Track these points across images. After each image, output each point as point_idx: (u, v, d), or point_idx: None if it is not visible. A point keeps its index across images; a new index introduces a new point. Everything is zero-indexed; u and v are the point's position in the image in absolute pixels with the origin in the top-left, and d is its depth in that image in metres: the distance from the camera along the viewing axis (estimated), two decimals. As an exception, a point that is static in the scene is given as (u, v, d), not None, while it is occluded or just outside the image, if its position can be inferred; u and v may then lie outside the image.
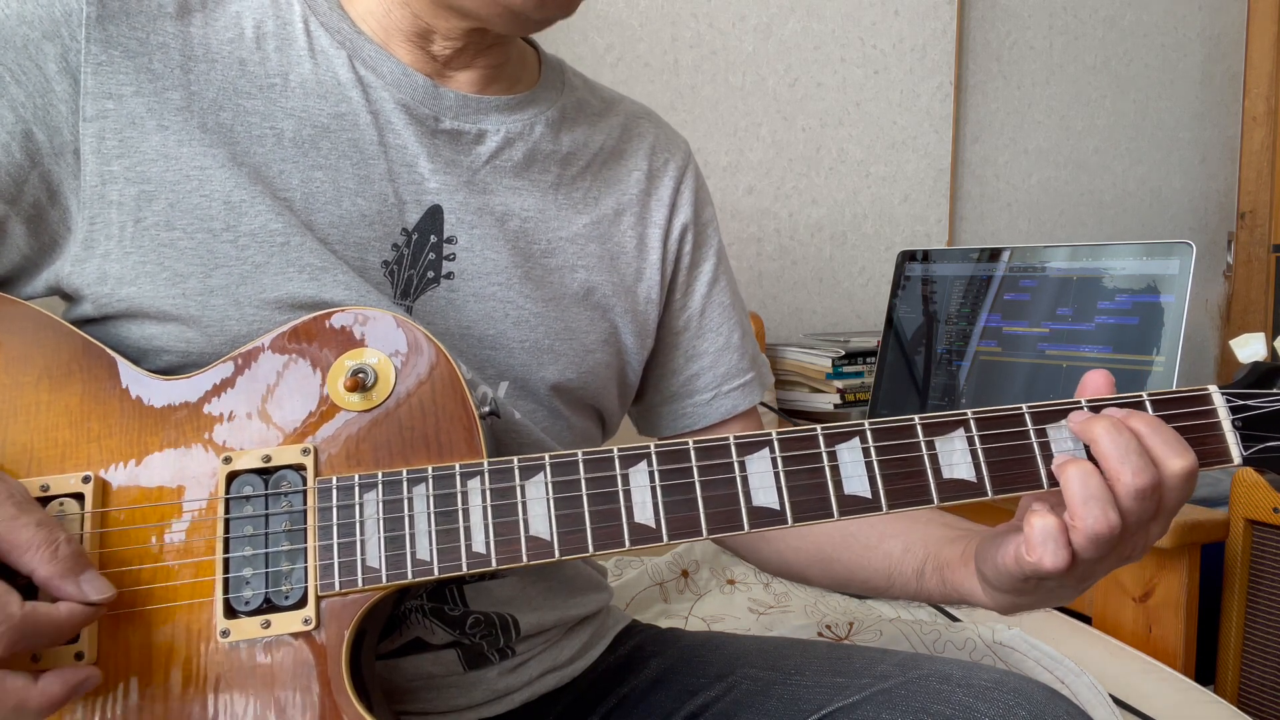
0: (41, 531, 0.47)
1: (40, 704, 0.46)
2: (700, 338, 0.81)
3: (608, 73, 1.70)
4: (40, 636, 0.46)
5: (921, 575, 0.67)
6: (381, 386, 0.56)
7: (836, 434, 0.55)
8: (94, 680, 0.48)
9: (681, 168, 0.81)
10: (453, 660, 0.67)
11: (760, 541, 0.79)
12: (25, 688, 0.46)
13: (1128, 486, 0.51)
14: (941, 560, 0.65)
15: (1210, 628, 1.24)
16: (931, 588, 0.66)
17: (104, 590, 0.49)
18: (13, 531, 0.47)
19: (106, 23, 0.58)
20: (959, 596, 0.64)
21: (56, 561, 0.47)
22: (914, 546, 0.68)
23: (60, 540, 0.48)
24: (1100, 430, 0.53)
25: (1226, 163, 2.49)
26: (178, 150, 0.59)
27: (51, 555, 0.47)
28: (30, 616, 0.46)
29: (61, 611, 0.47)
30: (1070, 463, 0.53)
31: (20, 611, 0.45)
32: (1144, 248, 1.22)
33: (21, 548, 0.47)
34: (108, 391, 0.56)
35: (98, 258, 0.59)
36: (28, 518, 0.47)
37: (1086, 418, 0.54)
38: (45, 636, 0.47)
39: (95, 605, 0.48)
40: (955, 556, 0.64)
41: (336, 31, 0.65)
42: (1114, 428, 0.52)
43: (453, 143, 0.68)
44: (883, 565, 0.69)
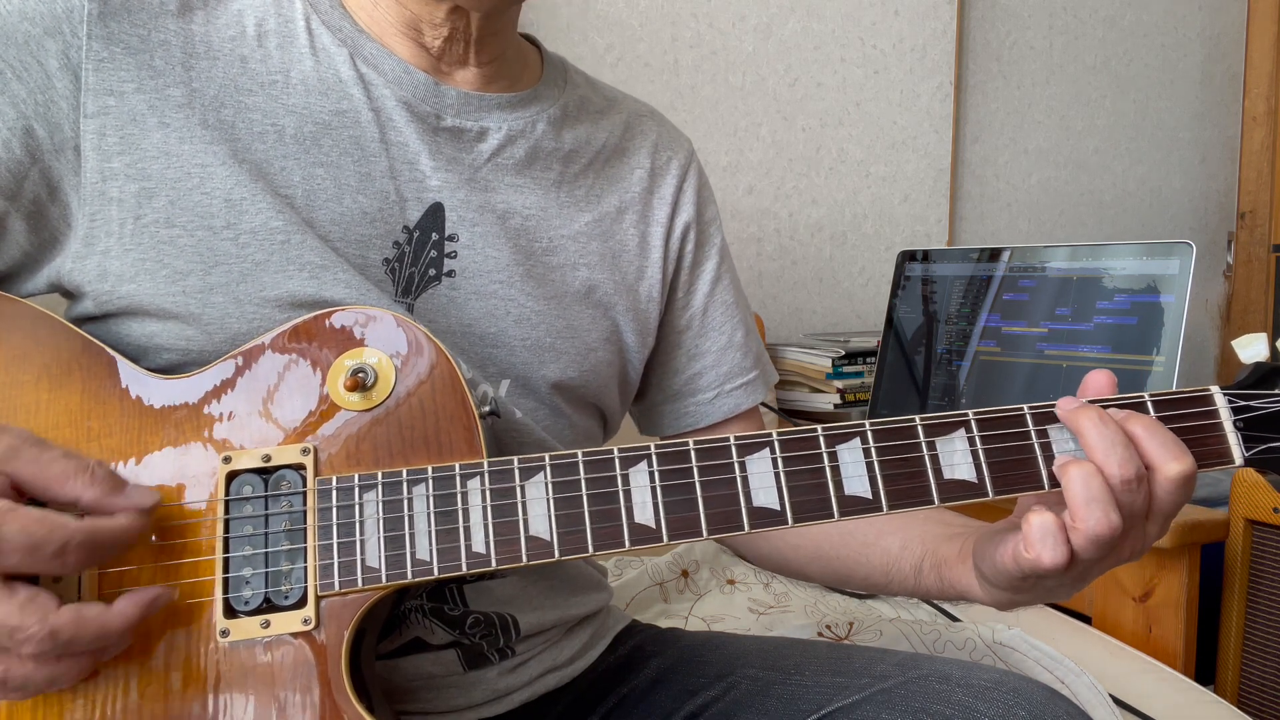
0: (72, 461, 0.48)
1: (119, 626, 0.47)
2: (703, 337, 0.81)
3: (608, 73, 1.70)
4: (108, 547, 0.47)
5: (919, 572, 0.67)
6: (381, 386, 0.56)
7: (837, 434, 0.55)
8: (166, 597, 0.49)
9: (684, 166, 0.80)
10: (453, 660, 0.67)
11: (759, 539, 0.79)
12: (103, 613, 0.46)
13: (1114, 478, 0.51)
14: (939, 557, 0.65)
15: (1210, 628, 1.24)
16: (929, 584, 0.66)
17: (151, 496, 0.49)
18: (45, 467, 0.47)
19: (108, 19, 0.58)
20: (956, 593, 0.64)
21: (97, 483, 0.48)
22: (911, 543, 0.68)
23: (93, 464, 0.48)
24: (1086, 422, 0.53)
25: (1226, 163, 2.49)
26: (179, 147, 0.59)
27: (91, 479, 0.47)
28: (94, 528, 0.46)
29: (120, 522, 0.48)
30: (1071, 463, 0.53)
31: (83, 525, 0.46)
32: (1144, 248, 1.22)
33: (60, 479, 0.47)
34: (108, 390, 0.55)
35: (98, 254, 0.59)
36: (53, 452, 0.48)
37: (1075, 407, 0.54)
38: (112, 546, 0.47)
39: (147, 511, 0.49)
40: (953, 554, 0.64)
41: (338, 29, 0.65)
42: (1100, 419, 0.53)
43: (454, 140, 0.68)
44: (881, 562, 0.70)
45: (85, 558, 0.46)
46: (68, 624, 0.45)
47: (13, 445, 0.47)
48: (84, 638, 0.46)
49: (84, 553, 0.46)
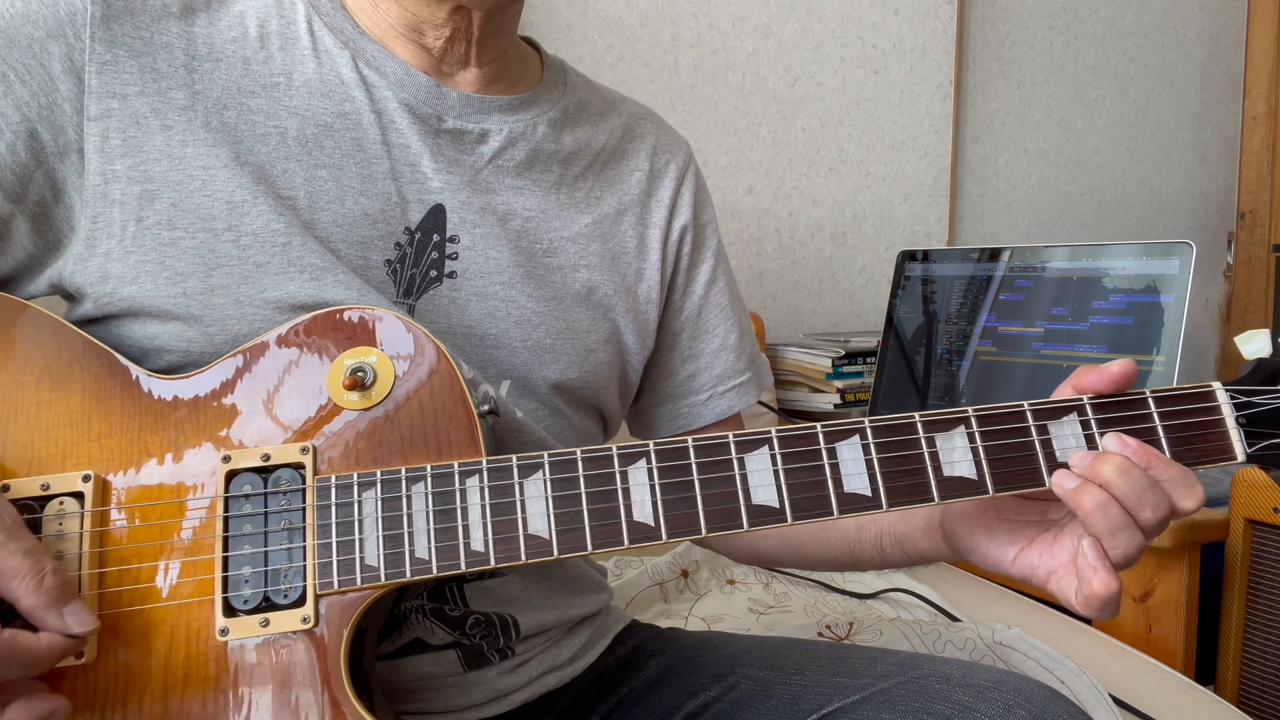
0: (29, 560, 0.47)
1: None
2: (697, 338, 0.81)
3: (608, 73, 1.70)
4: (21, 664, 0.46)
5: (881, 549, 0.70)
6: (381, 385, 0.56)
7: (836, 432, 0.55)
8: (63, 711, 0.48)
9: (682, 169, 0.81)
10: (453, 661, 0.67)
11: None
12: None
13: (1149, 522, 0.53)
14: (898, 534, 0.68)
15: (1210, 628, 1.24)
16: (894, 557, 0.70)
17: (87, 623, 0.48)
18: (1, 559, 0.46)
19: (111, 22, 0.58)
20: (925, 562, 0.69)
21: (41, 592, 0.47)
22: (865, 523, 0.71)
23: (47, 570, 0.47)
24: (1112, 474, 0.53)
25: (1226, 163, 2.49)
26: (181, 150, 0.59)
27: (37, 585, 0.47)
28: (10, 644, 0.45)
29: (42, 642, 0.47)
30: (1083, 491, 0.53)
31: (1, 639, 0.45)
32: (1144, 248, 1.22)
33: (7, 575, 0.46)
34: (108, 391, 0.56)
35: (99, 257, 0.59)
36: (15, 545, 0.47)
37: (1091, 460, 0.54)
38: (27, 665, 0.46)
39: (77, 637, 0.48)
40: (914, 530, 0.67)
41: (340, 31, 0.65)
42: (1124, 469, 0.53)
43: (455, 142, 0.68)
44: (841, 543, 0.72)
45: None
46: None
47: None
48: None
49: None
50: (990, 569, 0.60)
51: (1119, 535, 0.52)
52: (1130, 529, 0.52)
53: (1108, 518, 0.52)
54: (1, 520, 0.47)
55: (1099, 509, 0.52)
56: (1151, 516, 0.53)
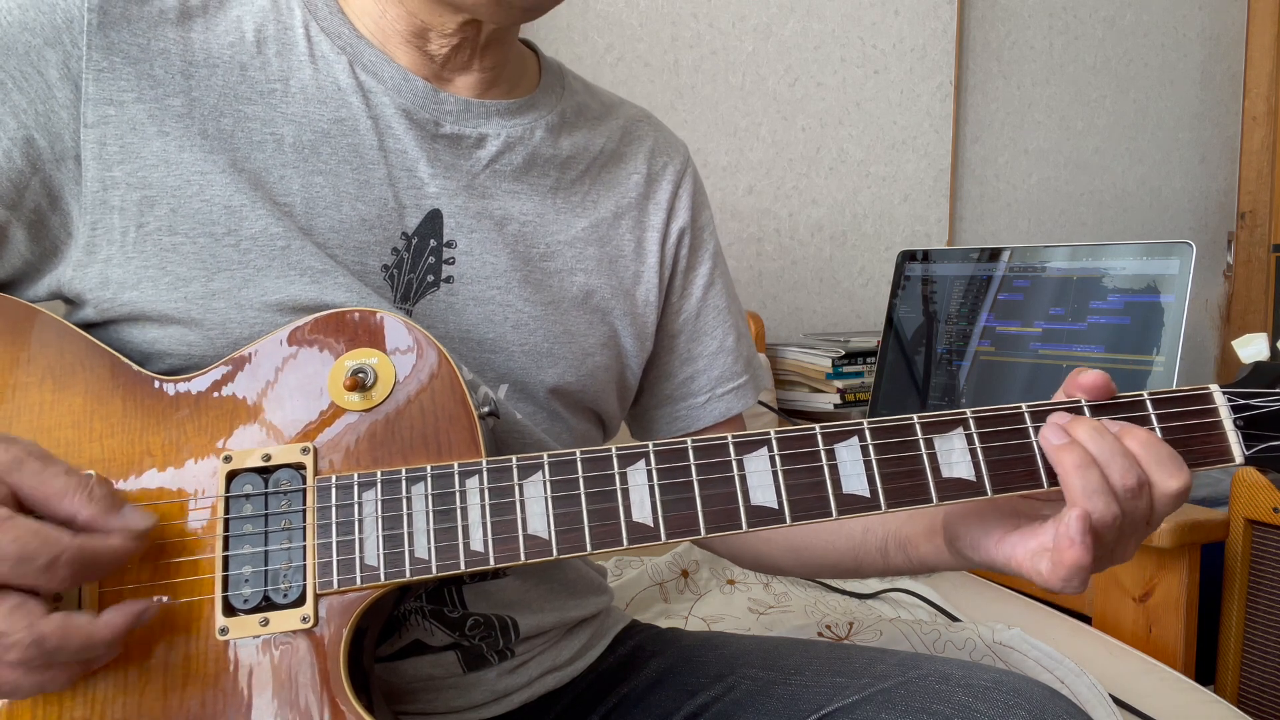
0: (72, 478, 0.48)
1: (106, 637, 0.47)
2: (695, 341, 0.81)
3: (608, 73, 1.71)
4: (98, 565, 0.47)
5: (885, 553, 0.69)
6: (381, 386, 0.56)
7: (835, 433, 0.55)
8: (153, 610, 0.49)
9: (680, 171, 0.81)
10: (452, 662, 0.67)
11: (733, 537, 0.80)
12: (90, 623, 0.46)
13: (1117, 488, 0.52)
14: (902, 537, 0.67)
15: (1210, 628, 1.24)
16: (898, 563, 0.69)
17: (147, 519, 0.49)
18: (45, 482, 0.47)
19: (108, 29, 0.58)
20: (926, 569, 0.67)
21: (95, 502, 0.48)
22: (873, 526, 0.70)
23: (92, 482, 0.48)
24: (1083, 435, 0.53)
25: (1226, 163, 2.49)
26: (179, 156, 0.60)
27: (88, 497, 0.48)
28: (86, 546, 0.46)
29: (113, 540, 0.48)
30: (1065, 450, 0.53)
31: (75, 541, 0.46)
32: (1144, 248, 1.22)
33: (58, 495, 0.47)
34: (110, 391, 0.56)
35: (99, 263, 0.59)
36: (55, 468, 0.48)
37: (1068, 421, 0.54)
38: (102, 565, 0.47)
39: (141, 533, 0.49)
40: (917, 533, 0.66)
41: (337, 36, 0.66)
42: (1096, 432, 0.53)
43: (452, 147, 0.68)
44: (847, 547, 0.72)
45: (74, 574, 0.46)
46: (54, 632, 0.45)
47: (17, 457, 0.47)
48: (70, 647, 0.46)
49: (73, 569, 0.45)
50: (981, 560, 0.60)
51: (1095, 499, 0.52)
52: (1107, 495, 0.52)
53: (1086, 480, 0.52)
54: (31, 451, 0.48)
55: (1078, 469, 0.52)
56: (1120, 481, 0.52)
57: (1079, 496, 0.52)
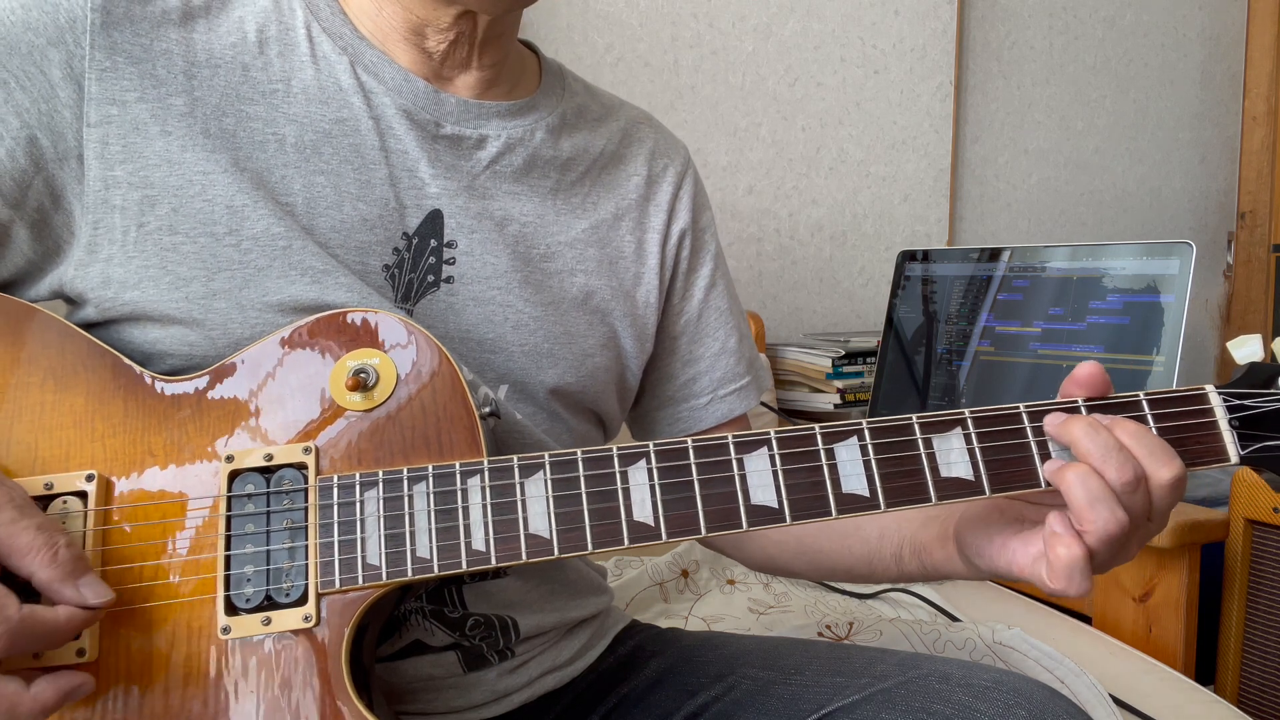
0: (42, 535, 0.47)
1: (32, 709, 0.46)
2: (697, 342, 0.81)
3: (608, 73, 1.71)
4: (39, 639, 0.47)
5: (900, 559, 0.68)
6: (383, 386, 0.56)
7: (834, 433, 0.55)
8: (87, 687, 0.48)
9: (680, 173, 0.81)
10: (452, 662, 0.67)
11: (744, 538, 0.80)
12: (18, 693, 0.46)
13: (1114, 483, 0.52)
14: (918, 543, 0.66)
15: (1210, 628, 1.24)
16: (911, 570, 0.68)
17: (103, 594, 0.49)
18: (13, 535, 0.47)
19: (111, 29, 0.59)
20: (940, 576, 0.66)
21: (56, 565, 0.47)
22: (889, 531, 0.69)
23: (60, 544, 0.48)
24: (1079, 432, 0.53)
25: (1226, 163, 2.50)
26: (180, 155, 0.60)
27: (51, 559, 0.47)
28: (29, 619, 0.46)
29: (60, 614, 0.47)
30: (1067, 467, 0.53)
31: (19, 614, 0.45)
32: (1144, 248, 1.22)
33: (21, 551, 0.47)
34: (112, 392, 0.56)
35: (101, 262, 0.59)
36: (28, 521, 0.47)
37: (1063, 420, 0.54)
38: (43, 639, 0.47)
39: (94, 609, 0.48)
40: (931, 538, 0.65)
41: (338, 37, 0.66)
42: (1091, 427, 0.53)
43: (453, 148, 0.68)
44: (861, 551, 0.71)
45: (9, 645, 0.45)
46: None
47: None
48: None
49: (10, 641, 0.45)
50: (986, 568, 0.60)
51: (1099, 506, 0.51)
52: (1110, 502, 0.52)
53: (1087, 488, 0.52)
54: (12, 499, 0.48)
55: (1079, 479, 0.52)
56: (1117, 477, 0.52)
57: (1083, 507, 0.52)
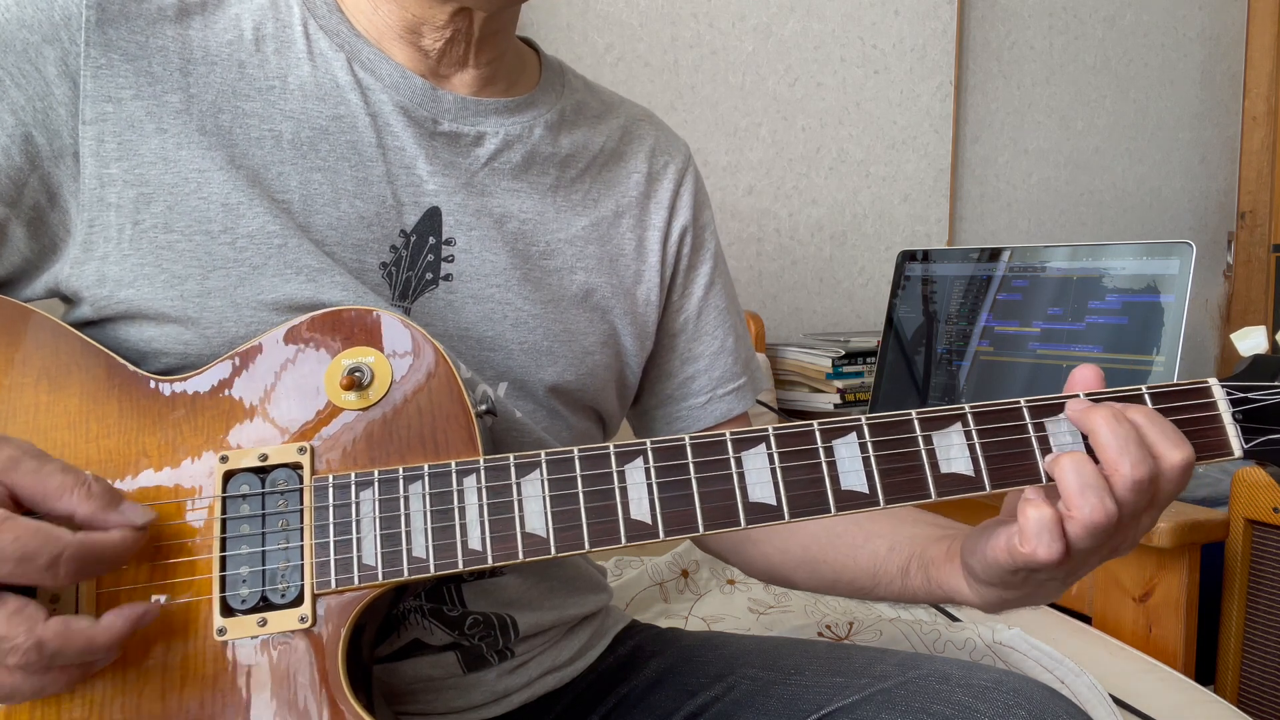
0: (69, 475, 0.48)
1: (106, 641, 0.46)
2: (696, 341, 0.81)
3: (608, 72, 1.71)
4: (99, 561, 0.47)
5: (906, 574, 0.66)
6: (378, 385, 0.56)
7: (833, 429, 0.55)
8: (153, 613, 0.49)
9: (681, 170, 0.80)
10: (452, 663, 0.67)
11: (746, 544, 0.79)
12: (90, 627, 0.46)
13: (1126, 478, 0.51)
14: (926, 558, 0.64)
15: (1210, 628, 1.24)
16: (916, 586, 0.65)
17: (146, 514, 0.49)
18: (42, 481, 0.47)
19: (106, 26, 0.58)
20: (944, 594, 0.63)
21: (93, 498, 0.48)
22: (900, 545, 0.67)
23: (89, 479, 0.48)
24: (1099, 420, 0.52)
25: (1226, 163, 2.49)
26: (176, 153, 0.59)
27: (86, 494, 0.48)
28: (87, 542, 0.46)
29: (114, 536, 0.48)
30: (1063, 455, 0.52)
31: (76, 539, 0.46)
32: (1144, 248, 1.22)
33: (55, 493, 0.47)
34: (106, 392, 0.56)
35: (96, 260, 0.59)
36: (52, 465, 0.48)
37: (1085, 407, 0.54)
38: (104, 561, 0.47)
39: (141, 529, 0.49)
40: (940, 554, 0.63)
41: (335, 34, 0.65)
42: (1114, 418, 0.52)
43: (451, 145, 0.68)
44: (869, 564, 0.69)
45: (76, 571, 0.46)
46: (54, 636, 0.45)
47: (13, 456, 0.47)
48: (70, 650, 0.45)
49: (75, 566, 0.45)
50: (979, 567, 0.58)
51: (1088, 493, 0.51)
52: (1100, 491, 0.51)
53: (1080, 474, 0.51)
54: (25, 450, 0.48)
55: (1073, 465, 0.51)
56: (1130, 473, 0.51)
57: (1073, 494, 0.51)
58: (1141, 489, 0.52)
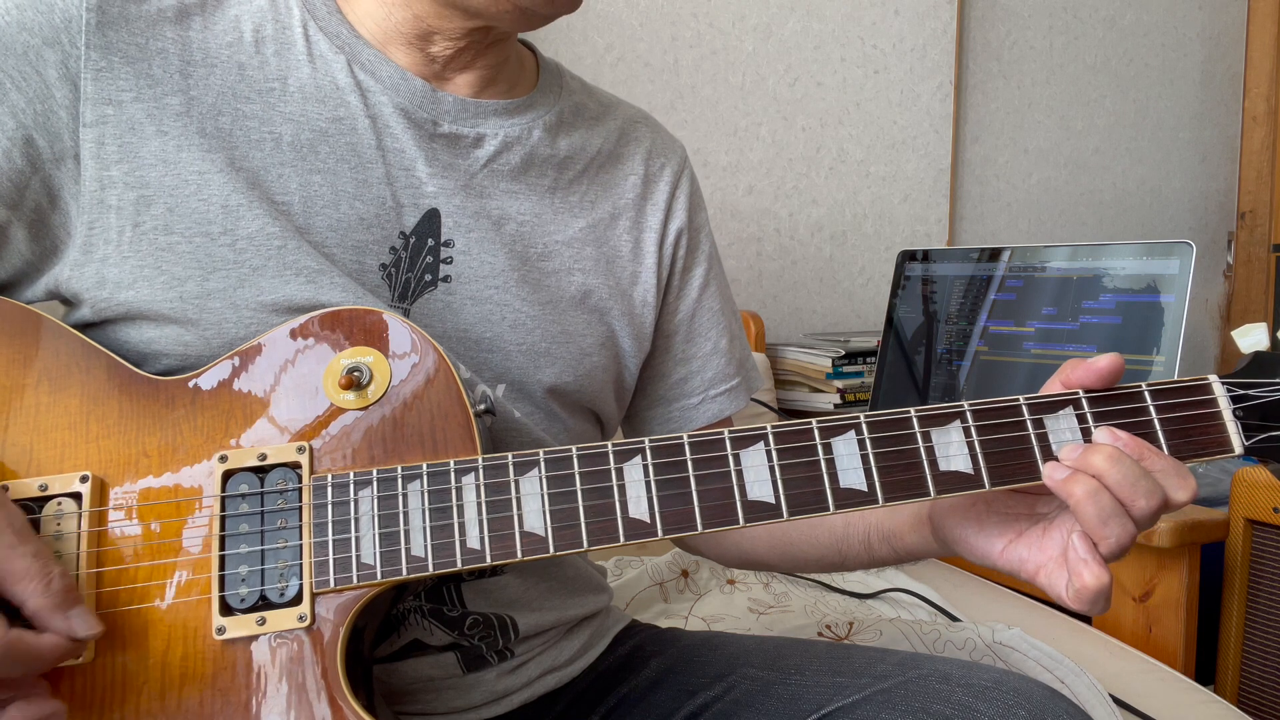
0: (37, 563, 0.47)
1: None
2: (690, 342, 0.81)
3: (608, 73, 1.71)
4: (24, 663, 0.46)
5: (869, 545, 0.70)
6: (377, 385, 0.56)
7: (832, 427, 0.55)
8: (60, 715, 0.48)
9: (677, 172, 0.81)
10: (451, 663, 0.67)
11: (719, 535, 0.80)
12: None
13: (1143, 511, 0.52)
14: (886, 530, 0.68)
15: (1210, 628, 1.24)
16: (883, 554, 0.69)
17: (92, 627, 0.49)
18: (9, 560, 0.47)
19: (106, 29, 0.58)
20: (912, 559, 0.68)
21: (49, 594, 0.47)
22: (853, 520, 0.70)
23: (55, 573, 0.48)
24: (1103, 464, 0.53)
25: (1226, 163, 2.49)
26: (176, 155, 0.59)
27: (45, 587, 0.47)
28: (16, 643, 0.46)
29: (46, 642, 0.47)
30: (1073, 480, 0.53)
31: (5, 637, 0.45)
32: (1144, 248, 1.22)
33: (15, 577, 0.47)
34: (106, 393, 0.56)
35: (96, 262, 0.59)
36: (25, 547, 0.47)
37: (1081, 451, 0.54)
38: (28, 663, 0.47)
39: (81, 640, 0.48)
40: (903, 525, 0.67)
41: (335, 36, 0.65)
42: (1115, 458, 0.53)
43: (450, 146, 0.68)
44: (829, 541, 0.72)
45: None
46: None
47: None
48: None
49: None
50: (978, 561, 0.60)
51: (1111, 523, 0.52)
52: (1121, 517, 0.52)
53: (1099, 505, 0.52)
54: (10, 523, 0.48)
55: (1090, 497, 0.52)
56: (1145, 506, 0.52)
57: (1095, 525, 0.52)
58: (1156, 515, 0.53)
